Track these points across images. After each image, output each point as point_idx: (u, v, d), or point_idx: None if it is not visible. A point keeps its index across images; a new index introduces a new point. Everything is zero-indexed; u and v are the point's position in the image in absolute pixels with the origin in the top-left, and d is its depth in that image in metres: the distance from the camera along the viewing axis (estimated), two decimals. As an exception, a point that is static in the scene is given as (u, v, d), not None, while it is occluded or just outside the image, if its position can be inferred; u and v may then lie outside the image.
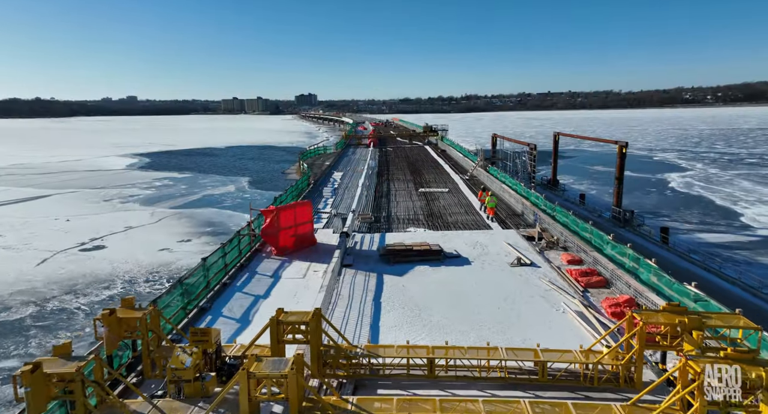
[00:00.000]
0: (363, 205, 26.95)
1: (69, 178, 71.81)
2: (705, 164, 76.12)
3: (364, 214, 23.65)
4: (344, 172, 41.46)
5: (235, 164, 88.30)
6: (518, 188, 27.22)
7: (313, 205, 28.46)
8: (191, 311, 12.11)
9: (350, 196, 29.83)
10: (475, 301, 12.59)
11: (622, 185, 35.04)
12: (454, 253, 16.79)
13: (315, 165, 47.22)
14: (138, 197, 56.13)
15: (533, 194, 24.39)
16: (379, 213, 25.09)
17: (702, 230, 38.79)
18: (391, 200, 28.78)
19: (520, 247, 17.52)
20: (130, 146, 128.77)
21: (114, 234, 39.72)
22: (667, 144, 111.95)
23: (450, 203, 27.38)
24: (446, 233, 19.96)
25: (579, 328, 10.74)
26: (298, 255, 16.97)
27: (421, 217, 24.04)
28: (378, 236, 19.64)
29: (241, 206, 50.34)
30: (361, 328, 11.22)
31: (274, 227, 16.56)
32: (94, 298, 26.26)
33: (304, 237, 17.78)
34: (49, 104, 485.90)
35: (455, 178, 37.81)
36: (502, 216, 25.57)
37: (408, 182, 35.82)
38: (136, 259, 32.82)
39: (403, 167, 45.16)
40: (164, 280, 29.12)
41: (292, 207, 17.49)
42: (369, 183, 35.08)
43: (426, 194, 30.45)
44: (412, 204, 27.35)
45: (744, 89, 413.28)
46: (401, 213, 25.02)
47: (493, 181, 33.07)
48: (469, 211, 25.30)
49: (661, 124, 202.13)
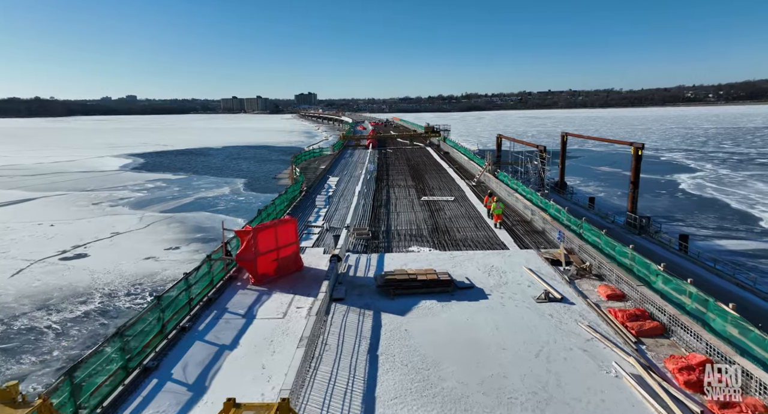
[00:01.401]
0: (359, 217, 24.22)
1: (59, 179, 69.19)
2: (714, 165, 73.35)
3: (360, 229, 20.85)
4: (340, 177, 38.52)
5: (230, 165, 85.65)
6: (533, 198, 24.39)
7: (304, 216, 25.36)
8: (133, 371, 9.39)
9: (345, 205, 27.03)
10: (499, 356, 9.82)
11: (638, 190, 32.30)
12: (467, 283, 13.96)
13: (309, 169, 44.29)
14: (128, 200, 53.58)
15: (553, 206, 21.51)
16: (378, 227, 22.27)
17: (720, 236, 36.10)
18: (391, 210, 25.92)
19: (544, 274, 14.74)
20: (125, 146, 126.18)
21: (99, 241, 37.22)
22: (673, 143, 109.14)
23: (457, 214, 24.59)
24: (455, 255, 17.06)
25: (643, 404, 8.01)
26: (281, 284, 14.17)
27: (425, 232, 21.24)
28: (375, 258, 16.81)
29: (235, 210, 47.78)
30: (351, 401, 8.48)
31: (251, 252, 13.75)
32: (68, 315, 23.69)
33: (288, 261, 14.92)
34: (47, 104, 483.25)
35: (461, 184, 34.77)
36: (510, 223, 23.11)
37: (409, 189, 32.87)
38: (119, 269, 30.42)
39: (404, 171, 42.19)
40: (147, 293, 26.56)
41: (273, 226, 14.56)
42: (367, 190, 32.12)
43: (430, 203, 27.62)
44: (414, 215, 24.57)
45: (746, 87, 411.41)
46: (402, 227, 22.18)
47: (503, 188, 30.27)
48: (479, 224, 22.51)
49: (665, 122, 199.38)
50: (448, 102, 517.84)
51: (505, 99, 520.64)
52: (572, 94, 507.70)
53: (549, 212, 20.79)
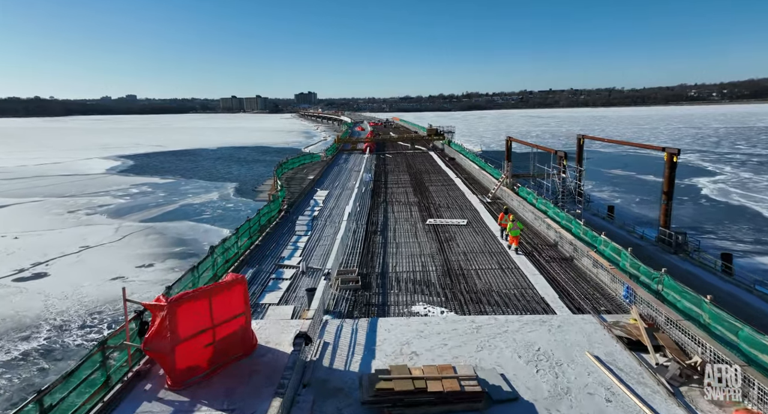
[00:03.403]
0: (347, 251, 19.36)
1: (39, 183, 65.54)
2: (734, 167, 69.56)
3: (347, 273, 16.10)
4: (330, 191, 33.82)
5: (222, 168, 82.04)
6: (576, 229, 19.09)
7: (278, 249, 20.47)
8: None
9: (333, 231, 22.51)
10: None
11: (672, 202, 28.51)
12: (505, 391, 8.72)
13: (296, 179, 39.02)
14: (108, 207, 49.95)
15: (603, 240, 16.31)
16: (370, 267, 17.44)
17: (761, 252, 32.25)
18: (389, 239, 21.18)
19: (623, 369, 9.48)
20: (117, 147, 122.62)
21: (64, 256, 33.60)
22: (684, 144, 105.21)
23: (474, 247, 19.66)
24: (480, 323, 11.82)
25: None
26: (214, 388, 9.00)
27: (434, 275, 16.31)
28: (365, 327, 11.83)
29: (221, 219, 44.19)
30: None
31: (165, 339, 8.77)
32: (2, 356, 19.92)
33: (230, 343, 9.81)
34: (45, 103, 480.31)
35: (472, 200, 29.67)
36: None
37: (411, 207, 28.13)
38: (79, 293, 26.85)
39: (405, 182, 37.29)
40: (105, 324, 22.84)
41: (205, 295, 9.42)
42: (360, 208, 27.44)
43: (437, 228, 22.78)
44: (418, 247, 19.77)
45: (750, 86, 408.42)
46: (403, 267, 17.31)
47: (527, 209, 24.90)
48: (505, 263, 17.42)
49: (672, 122, 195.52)
50: (449, 101, 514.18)
51: (506, 98, 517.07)
52: (574, 93, 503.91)
53: (605, 255, 15.59)
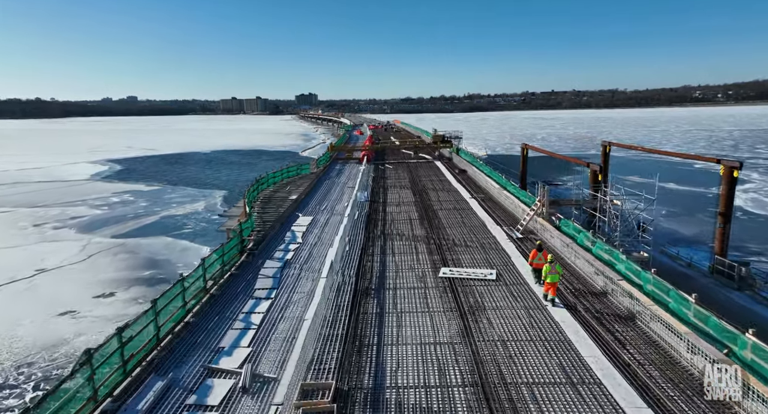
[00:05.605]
0: (325, 334, 12.15)
1: (12, 191, 60.86)
2: (761, 174, 64.66)
3: (315, 390, 9.54)
4: (315, 216, 26.51)
5: (213, 173, 77.47)
6: (646, 284, 13.13)
7: (216, 332, 12.52)
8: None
9: (309, 288, 15.70)
10: None
11: (730, 225, 23.90)
12: None
13: (275, 199, 31.13)
14: (80, 220, 45.37)
15: (730, 331, 9.77)
16: (358, 373, 10.39)
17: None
18: (387, 308, 13.93)
19: None
20: (107, 150, 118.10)
21: (13, 282, 29.19)
22: (700, 147, 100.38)
23: (515, 323, 12.68)
24: None
25: None
26: None
27: (460, 394, 9.47)
28: None
29: (203, 235, 39.57)
30: None
31: None
32: None
33: None
34: (43, 105, 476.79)
35: (496, 233, 21.81)
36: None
37: (418, 244, 20.50)
38: (14, 334, 22.55)
39: (408, 203, 29.46)
40: (30, 385, 18.12)
41: None
42: (350, 248, 19.91)
43: (455, 285, 15.56)
44: (431, 327, 12.53)
45: (755, 87, 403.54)
46: (408, 372, 10.37)
47: (579, 253, 17.25)
48: (566, 358, 10.75)
49: (680, 124, 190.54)
50: (450, 102, 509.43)
51: (507, 99, 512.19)
52: (576, 94, 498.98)
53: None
